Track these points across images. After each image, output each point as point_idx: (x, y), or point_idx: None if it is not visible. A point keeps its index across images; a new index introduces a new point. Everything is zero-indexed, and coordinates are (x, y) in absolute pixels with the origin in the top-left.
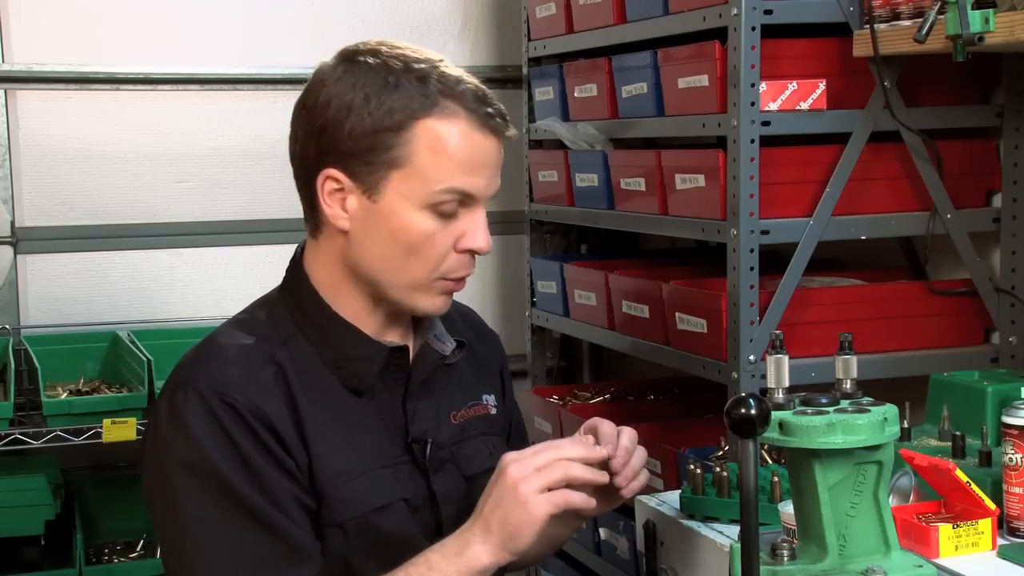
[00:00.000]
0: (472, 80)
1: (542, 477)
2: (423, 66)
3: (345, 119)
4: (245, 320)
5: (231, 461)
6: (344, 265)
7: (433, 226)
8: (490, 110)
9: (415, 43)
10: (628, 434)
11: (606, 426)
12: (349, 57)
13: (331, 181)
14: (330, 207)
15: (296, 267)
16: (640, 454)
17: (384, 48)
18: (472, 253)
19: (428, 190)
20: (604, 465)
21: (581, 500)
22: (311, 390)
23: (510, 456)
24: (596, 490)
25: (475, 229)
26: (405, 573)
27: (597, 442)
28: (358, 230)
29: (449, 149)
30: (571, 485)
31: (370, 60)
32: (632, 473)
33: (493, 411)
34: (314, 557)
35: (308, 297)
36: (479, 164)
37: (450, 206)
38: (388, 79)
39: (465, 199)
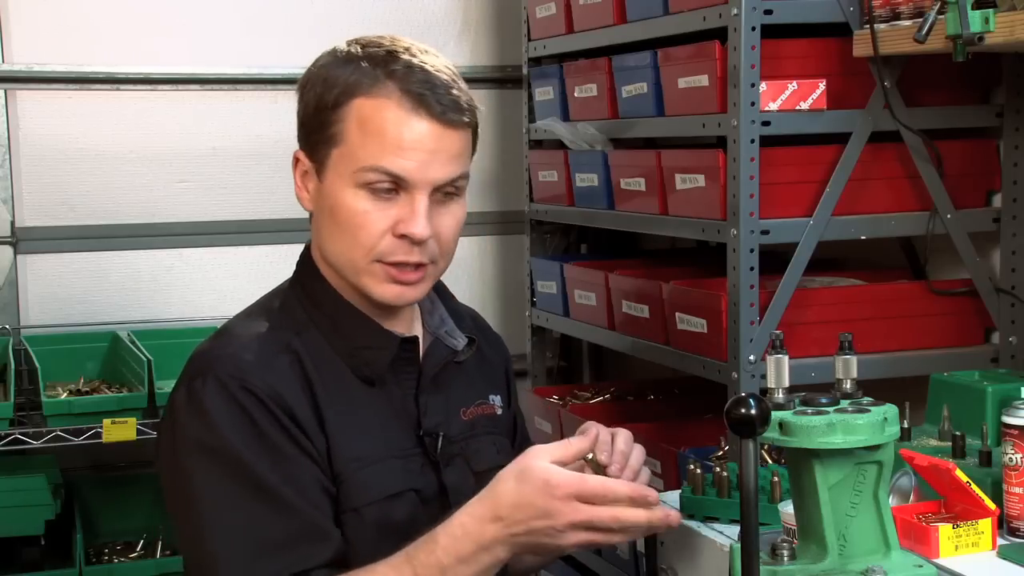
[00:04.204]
0: (436, 67)
1: (590, 533)
2: (379, 50)
3: (303, 99)
4: (258, 311)
5: (254, 445)
6: (318, 250)
7: (365, 206)
8: (428, 93)
9: (417, 43)
10: (623, 436)
11: (600, 431)
12: (341, 44)
13: (300, 162)
14: (300, 188)
15: (306, 258)
16: (638, 453)
17: (375, 38)
18: (409, 239)
19: (355, 167)
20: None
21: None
22: (326, 378)
23: (561, 482)
24: None
25: (412, 215)
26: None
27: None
28: (316, 211)
29: (375, 128)
30: None
31: (347, 46)
32: (632, 475)
33: (499, 412)
34: (334, 539)
35: (319, 287)
36: (408, 146)
37: (382, 186)
38: (343, 61)
39: (400, 182)
